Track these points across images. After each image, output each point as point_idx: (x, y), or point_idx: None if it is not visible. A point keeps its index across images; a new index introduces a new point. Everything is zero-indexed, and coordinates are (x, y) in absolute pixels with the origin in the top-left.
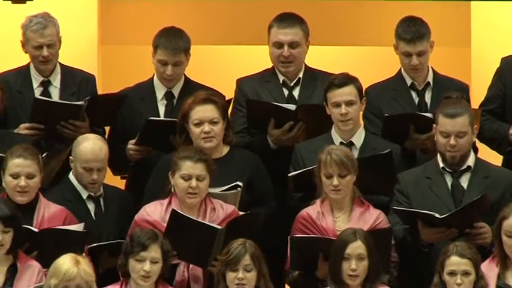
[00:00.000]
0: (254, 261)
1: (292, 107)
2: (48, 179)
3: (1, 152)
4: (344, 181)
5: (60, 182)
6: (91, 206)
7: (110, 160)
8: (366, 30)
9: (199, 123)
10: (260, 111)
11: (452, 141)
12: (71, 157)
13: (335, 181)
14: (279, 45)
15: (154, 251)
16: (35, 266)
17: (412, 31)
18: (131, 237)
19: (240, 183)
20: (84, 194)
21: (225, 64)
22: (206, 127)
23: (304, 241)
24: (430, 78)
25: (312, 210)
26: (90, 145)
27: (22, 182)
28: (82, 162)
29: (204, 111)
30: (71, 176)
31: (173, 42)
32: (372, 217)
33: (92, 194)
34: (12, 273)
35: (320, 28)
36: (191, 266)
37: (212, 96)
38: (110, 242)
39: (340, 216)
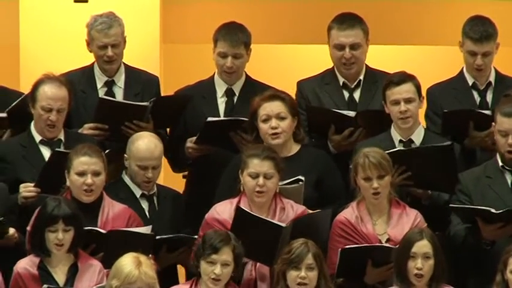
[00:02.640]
0: (316, 261)
1: (351, 113)
2: (111, 178)
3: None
4: (383, 182)
5: (113, 181)
6: (145, 205)
7: (170, 157)
8: (429, 29)
9: (266, 119)
10: (320, 117)
11: (510, 140)
12: (125, 155)
13: (375, 184)
14: (340, 47)
15: (226, 254)
16: (96, 265)
17: (480, 30)
18: (203, 239)
19: (302, 178)
20: (138, 193)
21: (286, 63)
22: (273, 122)
23: (355, 251)
24: (492, 78)
25: (349, 214)
26: (145, 143)
27: (89, 179)
28: (137, 160)
29: (271, 107)
30: (124, 174)
31: (233, 34)
32: (410, 218)
33: (146, 193)
34: (73, 272)
35: (383, 27)
36: (258, 264)
37: (279, 93)
38: (169, 236)
39: (379, 219)
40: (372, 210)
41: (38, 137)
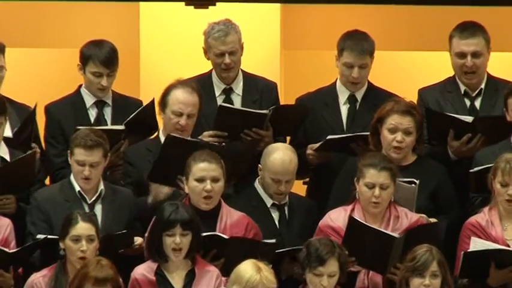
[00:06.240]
0: (440, 268)
1: (469, 119)
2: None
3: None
4: None
5: (246, 189)
6: (275, 215)
7: None
8: None
9: (393, 131)
10: (438, 121)
11: None
12: (259, 165)
13: (510, 190)
14: (462, 55)
15: (332, 265)
16: (213, 271)
17: None
18: (308, 249)
19: (417, 181)
20: (269, 202)
21: (406, 69)
22: (399, 136)
23: (477, 255)
24: None
25: (480, 218)
26: (281, 156)
27: (208, 185)
28: (271, 173)
29: (401, 121)
30: (257, 183)
31: (359, 45)
32: None
33: (277, 202)
34: (190, 278)
35: (504, 34)
36: (371, 273)
37: (412, 109)
38: (292, 248)
39: (509, 225)
40: (504, 215)
41: None
